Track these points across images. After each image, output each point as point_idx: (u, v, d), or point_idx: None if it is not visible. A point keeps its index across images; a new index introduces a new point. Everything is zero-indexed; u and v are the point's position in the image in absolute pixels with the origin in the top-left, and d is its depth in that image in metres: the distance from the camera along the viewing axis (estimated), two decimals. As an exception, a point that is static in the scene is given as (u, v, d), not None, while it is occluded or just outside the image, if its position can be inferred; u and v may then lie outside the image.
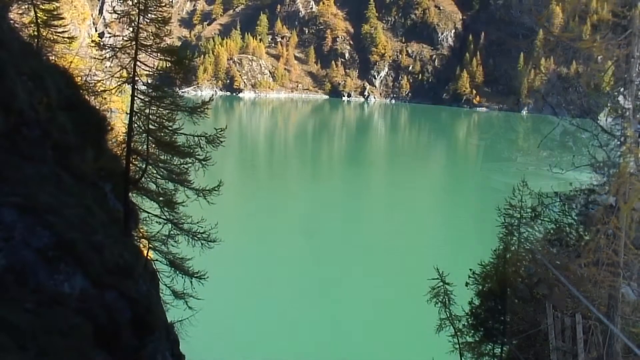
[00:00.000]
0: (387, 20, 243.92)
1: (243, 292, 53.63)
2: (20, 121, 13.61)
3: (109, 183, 19.03)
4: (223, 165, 72.90)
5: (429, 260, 20.70)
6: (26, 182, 11.73)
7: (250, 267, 59.96)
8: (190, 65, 20.22)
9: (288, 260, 62.21)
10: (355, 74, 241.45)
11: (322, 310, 51.41)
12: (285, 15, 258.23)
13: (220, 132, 18.35)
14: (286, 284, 56.59)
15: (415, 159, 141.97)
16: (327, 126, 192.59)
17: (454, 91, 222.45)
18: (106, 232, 13.14)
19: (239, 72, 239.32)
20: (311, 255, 64.68)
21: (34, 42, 22.51)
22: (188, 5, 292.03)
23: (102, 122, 20.04)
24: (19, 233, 9.82)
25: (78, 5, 61.14)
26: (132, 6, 17.83)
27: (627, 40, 12.55)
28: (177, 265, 20.05)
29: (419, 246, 68.87)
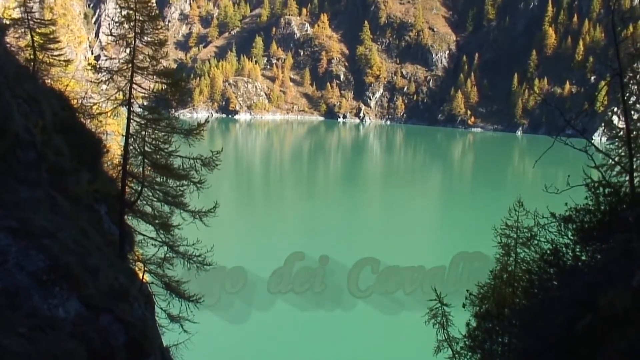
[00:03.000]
0: (382, 42, 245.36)
1: (239, 316, 53.33)
2: (15, 144, 13.60)
3: (104, 205, 18.99)
4: (219, 187, 72.80)
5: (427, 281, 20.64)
6: (21, 205, 11.68)
7: (246, 290, 59.64)
8: (186, 88, 20.27)
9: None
10: (351, 95, 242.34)
11: (319, 333, 51.13)
12: (281, 38, 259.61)
13: (216, 155, 18.36)
14: (283, 307, 56.28)
15: (411, 179, 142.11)
16: (322, 147, 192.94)
17: (448, 112, 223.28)
18: (101, 255, 13.08)
19: (234, 94, 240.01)
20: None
21: (30, 66, 22.58)
22: (184, 28, 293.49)
23: (98, 144, 20.03)
24: (13, 256, 9.76)
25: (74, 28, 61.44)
26: (129, 29, 17.93)
27: (619, 61, 12.62)
28: (172, 289, 19.94)
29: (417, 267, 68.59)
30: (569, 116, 14.40)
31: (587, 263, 13.09)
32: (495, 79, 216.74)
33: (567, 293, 12.13)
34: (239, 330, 50.63)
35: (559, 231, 13.90)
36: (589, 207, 13.11)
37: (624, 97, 13.02)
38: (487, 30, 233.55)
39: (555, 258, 13.97)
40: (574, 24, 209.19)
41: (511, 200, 19.12)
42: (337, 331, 51.26)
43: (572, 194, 13.77)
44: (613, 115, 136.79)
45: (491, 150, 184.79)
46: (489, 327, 19.15)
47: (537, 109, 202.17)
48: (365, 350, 49.02)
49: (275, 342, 49.36)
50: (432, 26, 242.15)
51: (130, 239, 19.57)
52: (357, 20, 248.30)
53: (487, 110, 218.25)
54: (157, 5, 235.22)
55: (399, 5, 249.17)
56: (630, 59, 13.72)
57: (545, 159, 16.20)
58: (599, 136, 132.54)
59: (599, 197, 12.95)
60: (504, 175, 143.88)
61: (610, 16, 15.04)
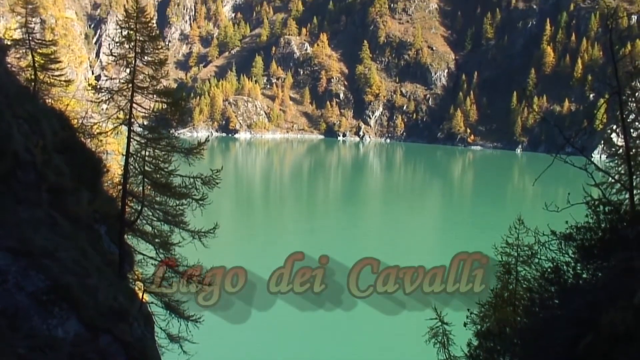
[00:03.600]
0: (381, 61, 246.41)
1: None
2: (15, 164, 13.61)
3: (104, 225, 18.97)
4: (219, 206, 72.74)
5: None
6: (21, 226, 11.67)
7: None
8: (186, 107, 20.33)
9: (285, 302, 61.69)
10: (350, 113, 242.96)
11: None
12: (280, 57, 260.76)
13: (216, 173, 18.38)
14: (283, 326, 56.03)
15: (411, 197, 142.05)
16: (322, 166, 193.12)
17: (448, 130, 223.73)
18: (101, 274, 13.05)
19: (234, 113, 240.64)
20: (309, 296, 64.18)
21: (31, 86, 22.66)
22: (184, 48, 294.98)
23: (98, 164, 20.05)
24: (13, 277, 9.74)
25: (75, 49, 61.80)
26: (129, 49, 18.02)
27: (617, 79, 12.67)
28: (172, 308, 19.86)
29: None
30: (568, 134, 14.42)
31: (588, 281, 13.06)
32: (495, 97, 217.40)
33: (568, 312, 12.08)
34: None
35: (560, 249, 13.87)
36: (590, 225, 13.10)
37: (622, 115, 13.07)
38: (486, 49, 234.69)
39: (556, 276, 13.93)
40: (572, 42, 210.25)
41: (511, 218, 19.09)
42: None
43: (572, 212, 13.76)
44: (612, 133, 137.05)
45: (491, 168, 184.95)
46: (490, 347, 19.04)
47: (536, 127, 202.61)
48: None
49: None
50: (431, 45, 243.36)
51: (130, 259, 19.53)
52: (356, 40, 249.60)
53: (487, 128, 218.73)
54: (157, 25, 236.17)
55: (397, 24, 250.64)
56: (628, 77, 13.77)
57: (545, 177, 16.20)
58: (599, 154, 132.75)
59: (600, 214, 12.94)
60: (504, 192, 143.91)
61: (608, 35, 15.15)
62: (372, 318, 50.30)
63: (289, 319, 49.64)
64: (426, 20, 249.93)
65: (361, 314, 50.14)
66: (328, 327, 50.52)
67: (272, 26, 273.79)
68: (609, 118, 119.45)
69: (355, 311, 49.77)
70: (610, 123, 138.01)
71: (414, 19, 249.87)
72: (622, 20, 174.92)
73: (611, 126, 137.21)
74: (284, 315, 49.46)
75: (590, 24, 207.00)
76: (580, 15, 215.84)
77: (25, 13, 23.78)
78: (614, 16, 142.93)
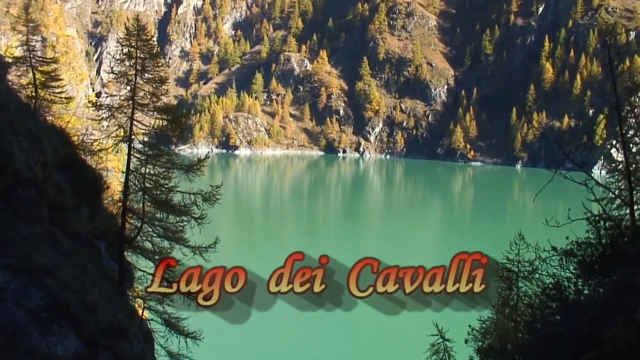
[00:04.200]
0: (381, 77, 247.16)
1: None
2: (16, 181, 13.62)
3: (104, 242, 18.94)
4: (219, 222, 72.63)
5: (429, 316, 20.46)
6: (20, 243, 11.66)
7: (246, 327, 59.30)
8: (186, 124, 20.39)
9: (285, 319, 61.57)
10: (350, 130, 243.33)
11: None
12: (280, 74, 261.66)
13: (216, 190, 18.38)
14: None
15: (411, 213, 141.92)
16: (323, 182, 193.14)
17: (448, 146, 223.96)
18: (100, 291, 13.01)
19: (234, 130, 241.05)
20: (309, 312, 64.05)
21: (32, 103, 22.73)
22: (185, 65, 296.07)
23: (98, 181, 20.06)
24: (13, 294, 9.71)
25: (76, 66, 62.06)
26: (130, 66, 18.09)
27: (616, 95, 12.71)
28: (172, 325, 19.78)
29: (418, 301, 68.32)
30: (568, 150, 14.44)
31: (589, 297, 13.02)
32: (494, 113, 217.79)
33: (570, 328, 12.03)
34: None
35: (561, 265, 13.85)
36: (590, 241, 13.08)
37: (622, 131, 13.10)
38: (485, 65, 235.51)
39: (557, 292, 13.89)
40: (571, 58, 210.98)
41: (512, 234, 19.07)
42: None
43: (573, 228, 13.75)
44: (612, 149, 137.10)
45: (491, 184, 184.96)
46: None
47: (536, 143, 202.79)
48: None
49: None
50: (431, 61, 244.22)
51: (129, 275, 19.48)
52: (356, 56, 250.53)
53: (487, 144, 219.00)
54: (158, 42, 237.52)
55: (397, 41, 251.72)
56: (627, 92, 13.83)
57: (545, 193, 16.21)
58: (599, 169, 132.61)
59: (600, 230, 12.93)
60: (504, 208, 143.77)
61: (606, 51, 15.18)
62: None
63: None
64: (425, 37, 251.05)
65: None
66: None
67: (272, 43, 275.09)
68: (608, 134, 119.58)
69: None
70: (610, 138, 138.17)
71: (413, 35, 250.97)
72: (621, 36, 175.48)
73: (611, 141, 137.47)
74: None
75: (589, 40, 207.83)
76: (578, 31, 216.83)
77: (27, 31, 23.91)
78: (613, 32, 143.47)
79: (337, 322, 49.79)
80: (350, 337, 49.22)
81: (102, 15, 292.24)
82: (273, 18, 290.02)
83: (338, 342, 48.55)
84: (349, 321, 49.70)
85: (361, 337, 50.34)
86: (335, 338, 48.71)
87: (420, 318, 20.09)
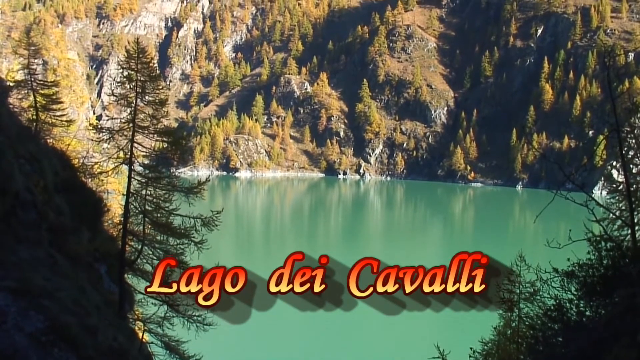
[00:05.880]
0: (381, 99, 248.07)
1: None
2: (16, 203, 13.62)
3: (104, 264, 18.89)
4: (219, 244, 72.47)
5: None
6: (20, 265, 11.63)
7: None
8: (186, 146, 20.44)
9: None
10: (351, 151, 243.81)
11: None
12: (281, 96, 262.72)
13: (216, 215, 18.36)
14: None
15: (412, 234, 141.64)
16: (323, 204, 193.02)
17: (448, 167, 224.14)
18: (100, 314, 12.96)
19: (235, 152, 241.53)
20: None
21: (33, 126, 22.79)
22: (185, 88, 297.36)
23: (99, 203, 20.05)
24: (12, 317, 9.67)
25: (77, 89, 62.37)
26: (130, 89, 18.17)
27: (615, 116, 12.75)
28: (172, 349, 19.68)
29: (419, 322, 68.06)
30: (568, 171, 14.49)
31: (591, 319, 12.95)
32: (494, 135, 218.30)
33: (572, 350, 11.96)
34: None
35: (562, 286, 13.80)
36: (592, 262, 13.05)
37: (622, 152, 13.11)
38: (485, 86, 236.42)
39: (559, 314, 13.83)
40: (570, 80, 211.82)
41: (513, 255, 19.02)
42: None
43: (574, 248, 13.72)
44: (612, 170, 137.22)
45: (492, 205, 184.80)
46: (494, 386, 18.81)
47: (536, 164, 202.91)
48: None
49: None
50: (430, 83, 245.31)
51: (130, 298, 19.41)
52: (355, 79, 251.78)
53: (487, 165, 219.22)
54: (158, 65, 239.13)
55: (397, 63, 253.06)
56: (627, 113, 13.88)
57: (546, 214, 16.19)
58: (599, 190, 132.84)
59: (601, 251, 12.90)
60: (505, 229, 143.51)
61: (606, 72, 15.27)
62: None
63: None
64: (425, 59, 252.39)
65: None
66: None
67: (272, 66, 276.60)
68: (608, 155, 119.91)
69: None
70: (610, 159, 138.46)
71: (413, 57, 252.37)
72: (620, 58, 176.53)
73: (611, 162, 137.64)
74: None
75: (588, 62, 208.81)
76: (577, 53, 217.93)
77: (28, 55, 24.06)
78: (612, 54, 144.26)
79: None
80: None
81: (103, 39, 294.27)
82: (273, 41, 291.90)
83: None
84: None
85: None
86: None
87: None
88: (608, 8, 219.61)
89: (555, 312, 13.99)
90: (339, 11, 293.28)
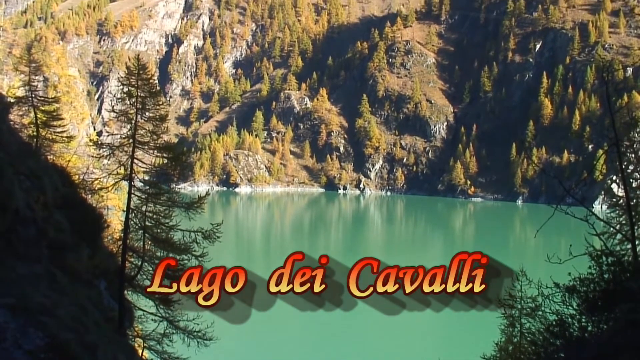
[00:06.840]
0: (380, 114, 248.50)
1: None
2: (16, 220, 13.60)
3: (104, 281, 18.83)
4: (219, 260, 72.28)
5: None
6: (19, 282, 11.59)
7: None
8: (186, 162, 20.46)
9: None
10: (351, 167, 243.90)
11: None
12: (281, 112, 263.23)
13: (217, 227, 18.35)
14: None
15: (413, 249, 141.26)
16: (324, 219, 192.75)
17: (448, 182, 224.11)
18: (100, 331, 12.89)
19: (235, 168, 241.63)
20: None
21: (33, 142, 22.80)
22: (185, 104, 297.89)
23: (98, 219, 20.02)
24: (11, 334, 9.62)
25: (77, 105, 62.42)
26: (130, 105, 18.21)
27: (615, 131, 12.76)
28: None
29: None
30: (568, 185, 14.49)
31: (593, 334, 12.89)
32: (494, 149, 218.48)
33: (574, 365, 11.89)
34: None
35: (564, 301, 13.74)
36: (593, 277, 13.00)
37: (621, 166, 13.12)
38: (484, 101, 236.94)
39: (561, 329, 13.77)
40: (569, 94, 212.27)
41: (514, 269, 18.96)
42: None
43: (575, 263, 13.69)
44: (612, 184, 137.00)
45: (492, 220, 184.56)
46: (496, 402, 18.70)
47: (536, 178, 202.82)
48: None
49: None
50: (430, 98, 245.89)
51: (130, 315, 19.33)
52: (355, 94, 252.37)
53: (487, 180, 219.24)
54: (159, 81, 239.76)
55: (396, 78, 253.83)
56: (626, 128, 13.90)
57: (546, 228, 16.16)
58: (599, 204, 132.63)
59: (602, 266, 12.86)
60: (505, 244, 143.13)
61: (604, 87, 15.33)
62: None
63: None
64: (424, 74, 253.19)
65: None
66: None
67: (272, 81, 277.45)
68: (608, 169, 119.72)
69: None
70: (610, 174, 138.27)
71: (412, 73, 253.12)
72: (618, 72, 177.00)
73: (611, 177, 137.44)
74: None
75: (587, 77, 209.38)
76: (576, 67, 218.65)
77: (29, 71, 24.14)
78: (610, 69, 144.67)
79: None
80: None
81: (103, 55, 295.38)
82: (273, 57, 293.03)
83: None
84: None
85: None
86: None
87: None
88: (606, 23, 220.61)
89: (557, 328, 13.93)
90: (339, 27, 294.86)
